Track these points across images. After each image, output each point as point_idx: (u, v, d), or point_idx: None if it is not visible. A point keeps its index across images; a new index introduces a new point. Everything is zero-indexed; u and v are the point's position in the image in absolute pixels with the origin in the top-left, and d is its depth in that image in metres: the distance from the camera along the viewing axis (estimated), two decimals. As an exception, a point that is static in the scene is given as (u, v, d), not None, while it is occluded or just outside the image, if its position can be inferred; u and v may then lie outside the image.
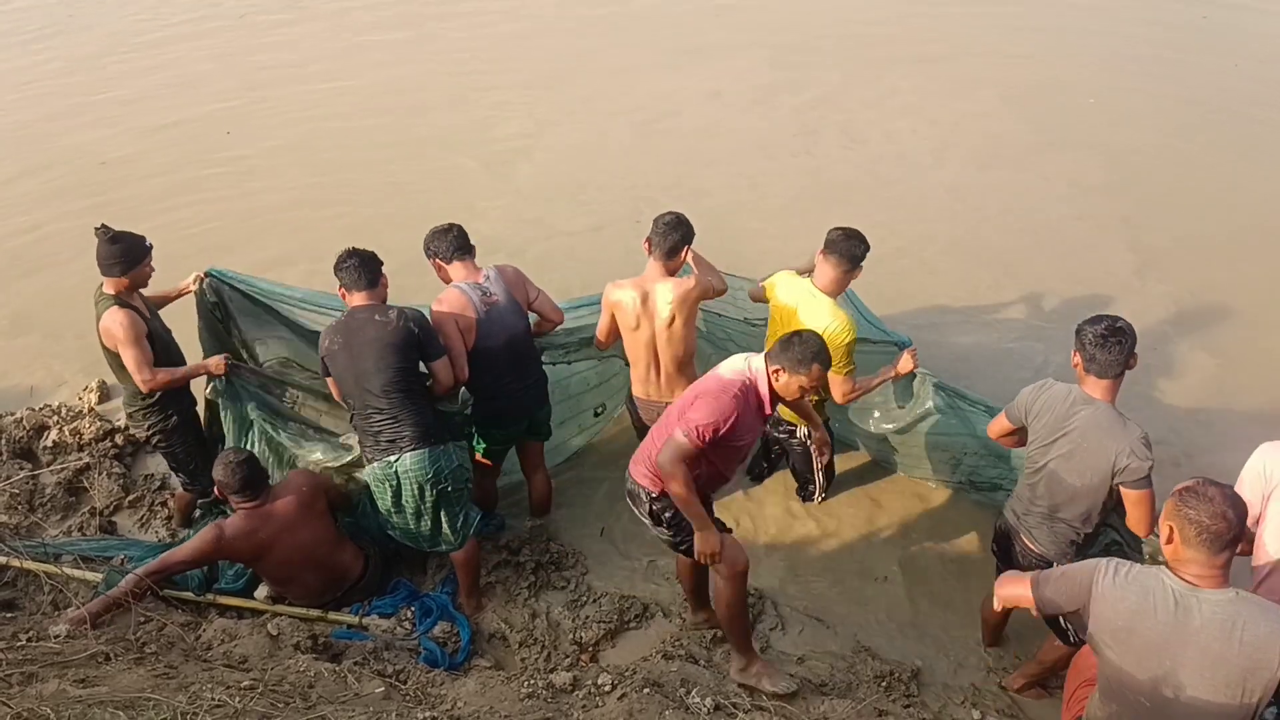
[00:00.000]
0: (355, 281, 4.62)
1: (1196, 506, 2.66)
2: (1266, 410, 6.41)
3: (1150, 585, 2.73)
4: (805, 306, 4.81)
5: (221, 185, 9.62)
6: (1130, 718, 2.82)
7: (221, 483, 4.62)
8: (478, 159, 9.91)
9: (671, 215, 4.89)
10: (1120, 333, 3.76)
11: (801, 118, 10.76)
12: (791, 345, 3.99)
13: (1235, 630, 2.61)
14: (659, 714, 4.10)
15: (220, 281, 5.32)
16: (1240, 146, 10.14)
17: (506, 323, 4.90)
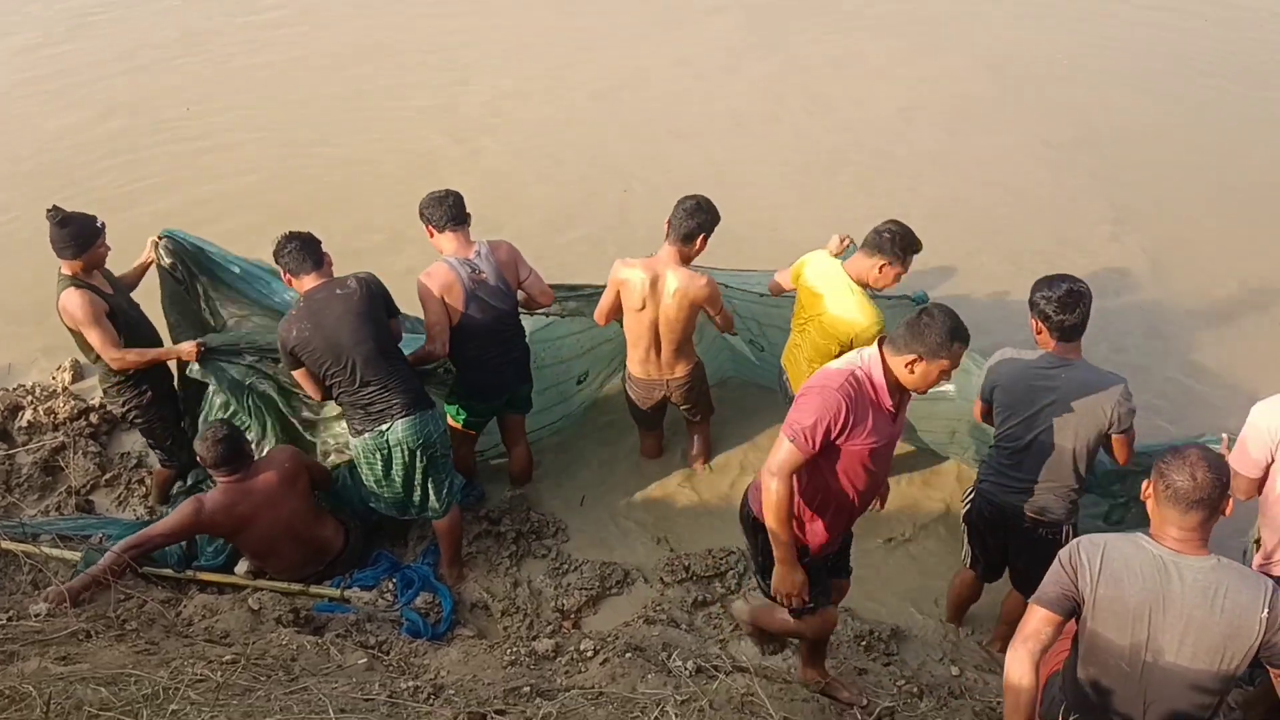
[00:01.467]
0: (301, 264, 4.57)
1: (1172, 465, 2.70)
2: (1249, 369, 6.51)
3: (1129, 553, 2.73)
4: (832, 291, 4.59)
5: (181, 160, 9.50)
6: (1109, 682, 2.84)
7: (202, 457, 4.61)
8: (445, 134, 9.81)
9: (693, 200, 4.76)
10: (1080, 295, 3.79)
11: (772, 85, 10.70)
12: (923, 327, 3.29)
13: (1216, 597, 2.62)
14: (641, 677, 4.13)
15: (175, 241, 5.28)
16: (1215, 108, 10.18)
17: (493, 301, 4.86)
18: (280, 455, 4.87)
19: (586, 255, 7.35)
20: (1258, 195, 8.58)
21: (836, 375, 3.35)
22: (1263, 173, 8.93)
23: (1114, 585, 2.71)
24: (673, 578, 5.06)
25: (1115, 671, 2.79)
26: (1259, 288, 7.41)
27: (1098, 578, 2.73)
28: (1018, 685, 2.75)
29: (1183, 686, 2.70)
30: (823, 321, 4.60)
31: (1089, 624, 2.79)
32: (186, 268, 5.32)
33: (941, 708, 4.22)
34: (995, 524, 4.24)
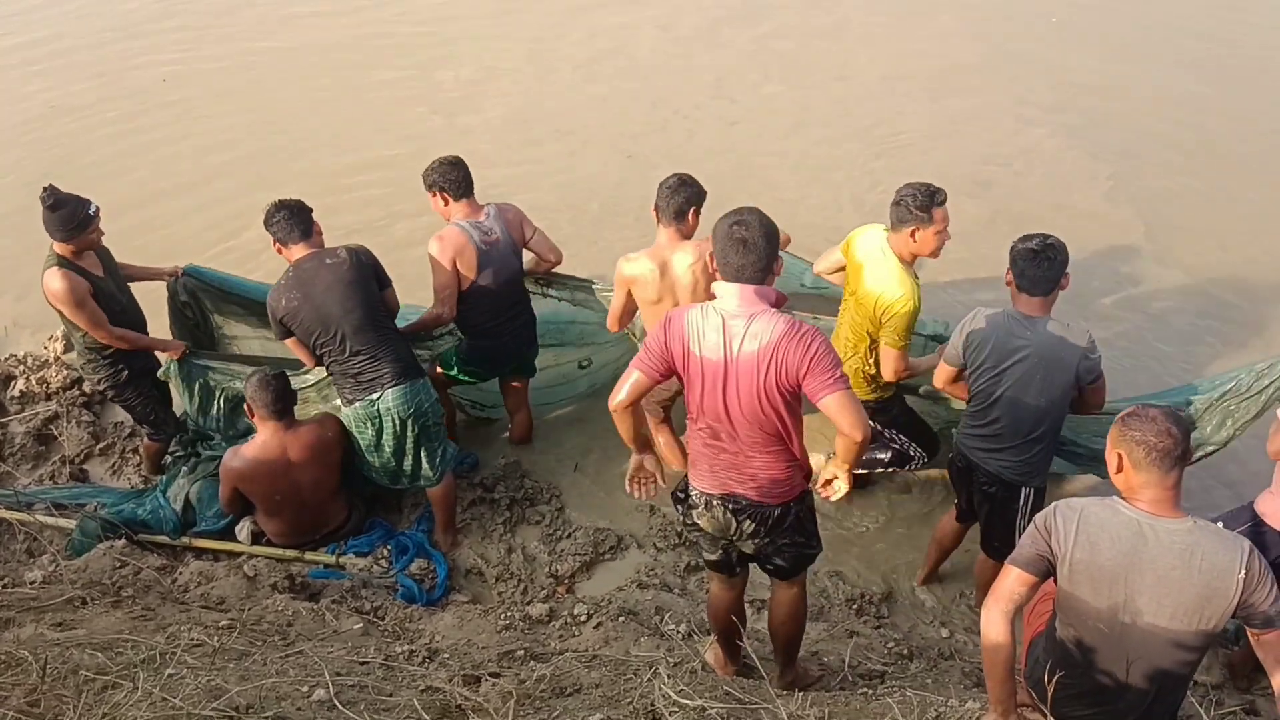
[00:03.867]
0: (289, 234, 4.57)
1: (1141, 428, 2.68)
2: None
3: (1105, 517, 2.73)
4: (873, 265, 4.37)
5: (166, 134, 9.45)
6: (1090, 642, 2.86)
7: (251, 398, 4.65)
8: (430, 107, 9.74)
9: (675, 177, 4.60)
10: (1052, 249, 3.80)
11: (756, 53, 10.64)
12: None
13: (1193, 558, 2.62)
14: (634, 640, 4.18)
15: (196, 280, 5.32)
16: (1209, 67, 10.18)
17: (505, 262, 4.89)
18: (326, 423, 4.89)
19: (583, 233, 7.39)
20: (1249, 159, 8.61)
21: (797, 323, 3.22)
22: (1254, 138, 8.95)
23: (1089, 549, 2.71)
24: (665, 543, 5.09)
25: (1094, 632, 2.82)
26: (1256, 249, 7.45)
27: (1073, 542, 2.73)
28: (994, 644, 2.78)
29: (1163, 645, 2.72)
30: (859, 296, 4.43)
31: (1066, 587, 2.80)
32: (199, 308, 5.39)
33: (931, 669, 4.26)
34: (963, 473, 4.30)
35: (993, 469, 4.11)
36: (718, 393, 3.18)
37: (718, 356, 3.13)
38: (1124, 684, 2.83)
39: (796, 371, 3.06)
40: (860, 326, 4.48)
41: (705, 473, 3.44)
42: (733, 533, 3.49)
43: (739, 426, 3.23)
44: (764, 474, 3.34)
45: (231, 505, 4.85)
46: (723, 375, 3.14)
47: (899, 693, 3.56)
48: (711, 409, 3.24)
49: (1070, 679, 2.89)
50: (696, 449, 3.43)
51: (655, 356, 3.24)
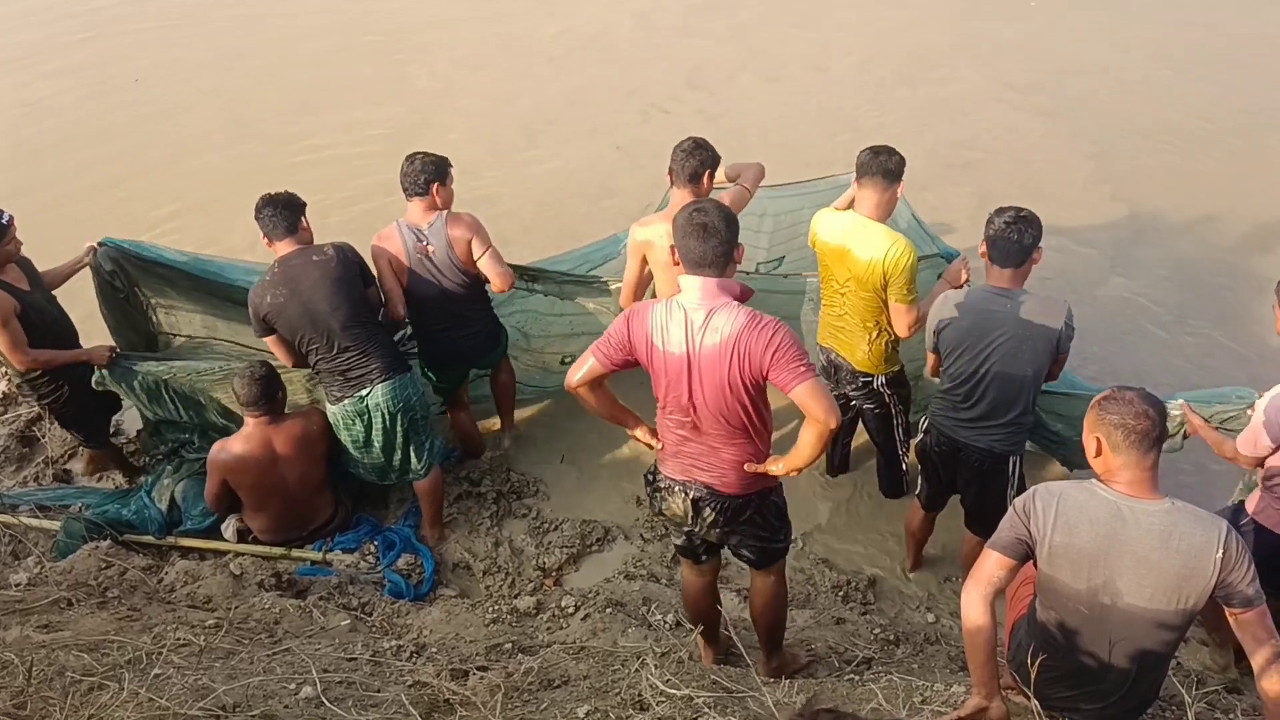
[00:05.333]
0: (274, 229, 4.53)
1: (1118, 410, 2.69)
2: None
3: (1083, 499, 2.75)
4: (856, 239, 4.32)
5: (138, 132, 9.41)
6: (1072, 624, 2.88)
7: (237, 393, 4.65)
8: (408, 108, 9.73)
9: (690, 140, 4.55)
10: (1024, 221, 3.82)
11: (735, 42, 10.65)
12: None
13: (1171, 539, 2.64)
14: (622, 631, 4.20)
15: (116, 249, 5.17)
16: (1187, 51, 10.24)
17: (440, 276, 4.75)
18: (312, 416, 4.88)
19: (576, 226, 7.40)
20: (1223, 138, 8.69)
21: (757, 315, 3.20)
22: (1225, 117, 9.04)
23: (1068, 532, 2.73)
24: (652, 534, 5.11)
25: (1075, 614, 2.84)
26: (1234, 228, 7.52)
27: (1052, 525, 2.75)
28: (975, 626, 2.81)
29: (1144, 625, 2.74)
30: (857, 275, 4.36)
31: (1045, 570, 2.82)
32: (126, 275, 5.23)
33: (917, 654, 4.29)
34: (948, 457, 4.29)
35: (984, 445, 4.12)
36: (683, 386, 3.20)
37: (681, 351, 3.15)
38: (1106, 665, 2.85)
39: (760, 364, 3.07)
40: (871, 302, 4.41)
41: (672, 459, 3.47)
42: (693, 521, 3.52)
43: (705, 419, 3.24)
44: (729, 465, 3.36)
45: (218, 501, 4.81)
46: (687, 369, 3.16)
47: (885, 678, 3.58)
48: (677, 401, 3.26)
49: (1052, 661, 2.92)
50: (666, 437, 3.45)
51: (614, 346, 3.27)
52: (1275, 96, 9.60)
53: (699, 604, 3.92)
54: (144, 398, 5.05)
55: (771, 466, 3.37)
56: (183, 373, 5.05)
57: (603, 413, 3.54)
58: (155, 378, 5.02)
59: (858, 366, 4.65)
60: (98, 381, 4.93)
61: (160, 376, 5.03)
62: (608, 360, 3.29)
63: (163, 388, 5.06)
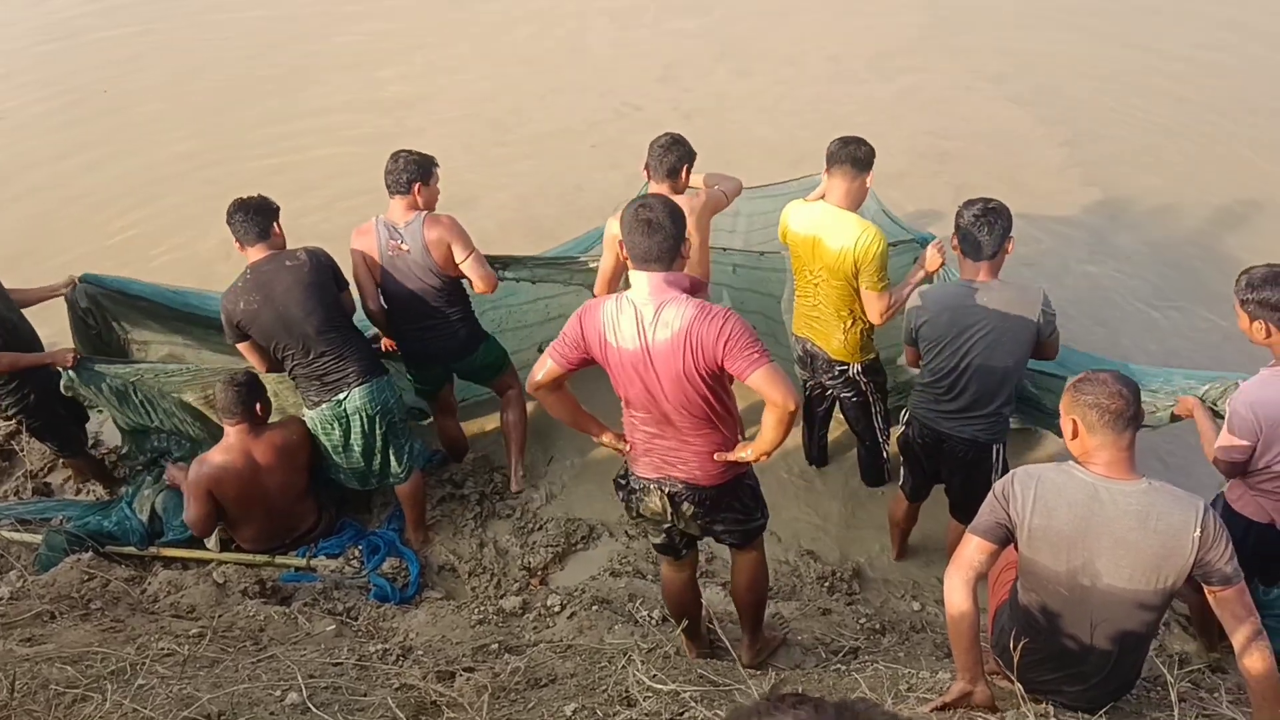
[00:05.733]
0: (245, 234, 4.49)
1: (1093, 391, 2.72)
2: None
3: (1061, 481, 2.77)
4: (827, 228, 4.33)
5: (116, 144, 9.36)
6: (1053, 606, 2.90)
7: (218, 400, 4.62)
8: (381, 111, 9.70)
9: (667, 136, 4.61)
10: (994, 212, 3.82)
11: (708, 38, 10.67)
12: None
13: (1149, 519, 2.65)
14: (608, 628, 4.20)
15: (95, 287, 5.15)
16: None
17: (412, 276, 4.71)
18: (292, 425, 4.86)
19: (553, 227, 7.40)
20: (1191, 122, 8.78)
21: (705, 304, 3.23)
22: (1191, 101, 9.13)
23: (1047, 515, 2.75)
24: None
25: (1056, 596, 2.86)
26: (1206, 210, 7.59)
27: (1031, 508, 2.77)
28: (958, 612, 2.84)
29: (1124, 606, 2.76)
30: (828, 264, 4.38)
31: (1026, 553, 2.84)
32: (102, 315, 5.22)
33: (903, 642, 4.31)
34: (931, 448, 4.30)
35: (967, 436, 4.14)
36: (641, 382, 3.21)
37: (635, 346, 3.15)
38: (1088, 646, 2.88)
39: (714, 354, 3.07)
40: (844, 290, 4.43)
41: (643, 458, 3.47)
42: (672, 517, 3.54)
43: (669, 413, 3.25)
44: (700, 457, 3.38)
45: (204, 521, 4.67)
46: (642, 364, 3.17)
47: (871, 667, 3.60)
48: (639, 398, 3.27)
49: (1035, 644, 2.94)
50: (634, 437, 3.46)
51: (569, 345, 3.27)
52: (1243, 80, 9.68)
53: (681, 600, 3.94)
54: (113, 400, 5.00)
55: (740, 453, 3.38)
56: (149, 374, 5.02)
57: (566, 417, 3.55)
58: (123, 380, 4.98)
59: (833, 355, 4.67)
60: (66, 385, 4.87)
61: (127, 379, 4.99)
62: (565, 360, 3.29)
63: (131, 390, 5.02)
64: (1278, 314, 3.30)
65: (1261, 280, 3.33)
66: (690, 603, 3.95)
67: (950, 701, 2.85)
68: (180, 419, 5.18)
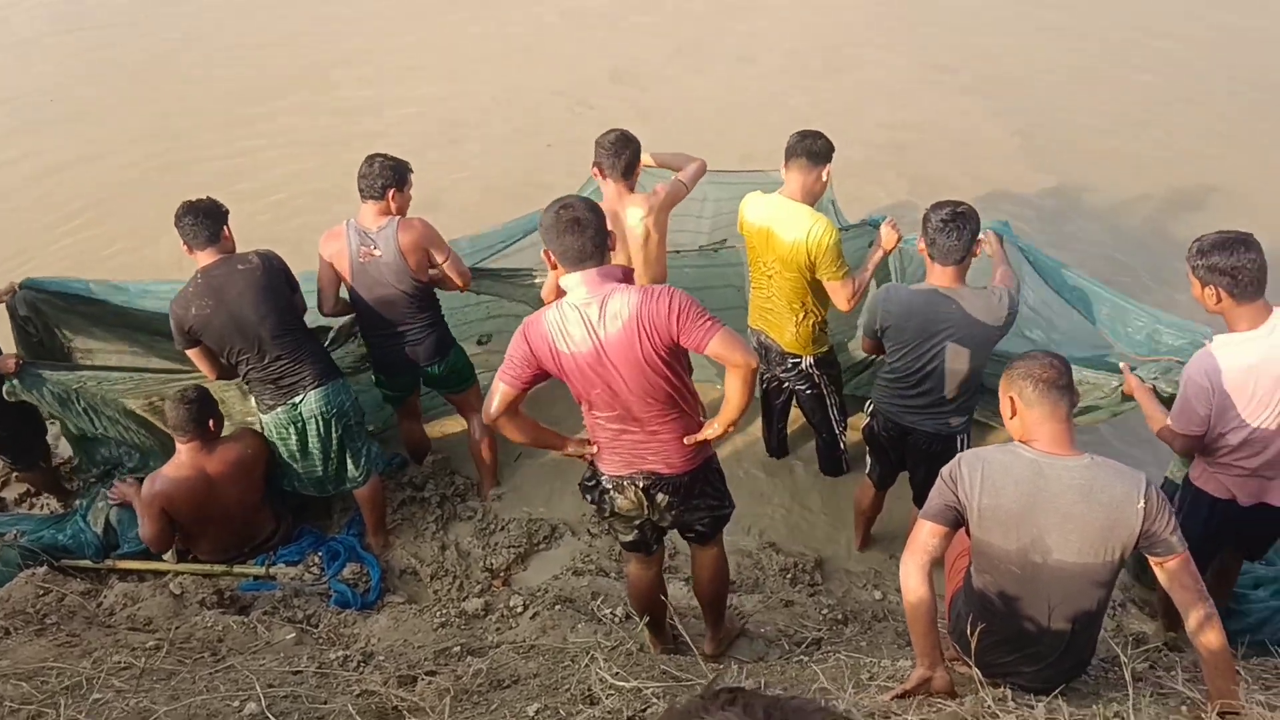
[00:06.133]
0: (194, 238, 4.42)
1: (1024, 365, 2.82)
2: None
3: (1007, 461, 2.82)
4: (780, 220, 4.37)
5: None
6: (1007, 587, 2.94)
7: (169, 417, 4.55)
8: (334, 112, 9.61)
9: (615, 133, 4.55)
10: (962, 217, 3.83)
11: (662, 35, 10.67)
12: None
13: (1093, 492, 2.71)
14: (571, 628, 4.20)
15: (37, 291, 5.01)
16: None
17: (383, 282, 4.63)
18: (246, 439, 4.79)
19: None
20: (1141, 109, 8.91)
21: (654, 286, 3.28)
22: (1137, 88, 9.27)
23: (994, 494, 2.79)
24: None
25: (1009, 576, 2.90)
26: (1158, 195, 7.71)
27: (979, 489, 2.81)
28: (915, 598, 2.87)
29: (1075, 581, 2.81)
30: (781, 256, 4.41)
31: (977, 533, 2.88)
32: (43, 322, 5.09)
33: (866, 631, 4.34)
34: (895, 440, 4.34)
35: (931, 429, 4.18)
36: (600, 381, 3.20)
37: (588, 348, 3.14)
38: (1043, 626, 2.91)
39: (668, 331, 3.08)
40: (796, 283, 4.46)
41: (613, 457, 3.46)
42: (648, 510, 3.53)
43: (633, 405, 3.25)
44: (670, 445, 3.38)
45: (160, 540, 4.62)
46: (598, 363, 3.16)
47: (833, 658, 3.61)
48: (600, 399, 3.26)
49: (991, 627, 2.97)
50: (600, 436, 3.45)
51: (519, 365, 3.24)
52: (1192, 69, 9.83)
53: (649, 596, 3.94)
54: (56, 406, 4.91)
55: (708, 431, 3.40)
56: (91, 380, 4.92)
57: (528, 439, 3.52)
58: (64, 386, 4.89)
59: (786, 348, 4.71)
60: (9, 391, 4.78)
61: (69, 385, 4.90)
62: (517, 381, 3.26)
63: (73, 397, 4.93)
64: (1226, 279, 3.33)
65: (1211, 246, 3.37)
66: (657, 599, 3.95)
67: (910, 689, 2.87)
68: (124, 426, 5.10)
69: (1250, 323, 3.38)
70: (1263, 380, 3.39)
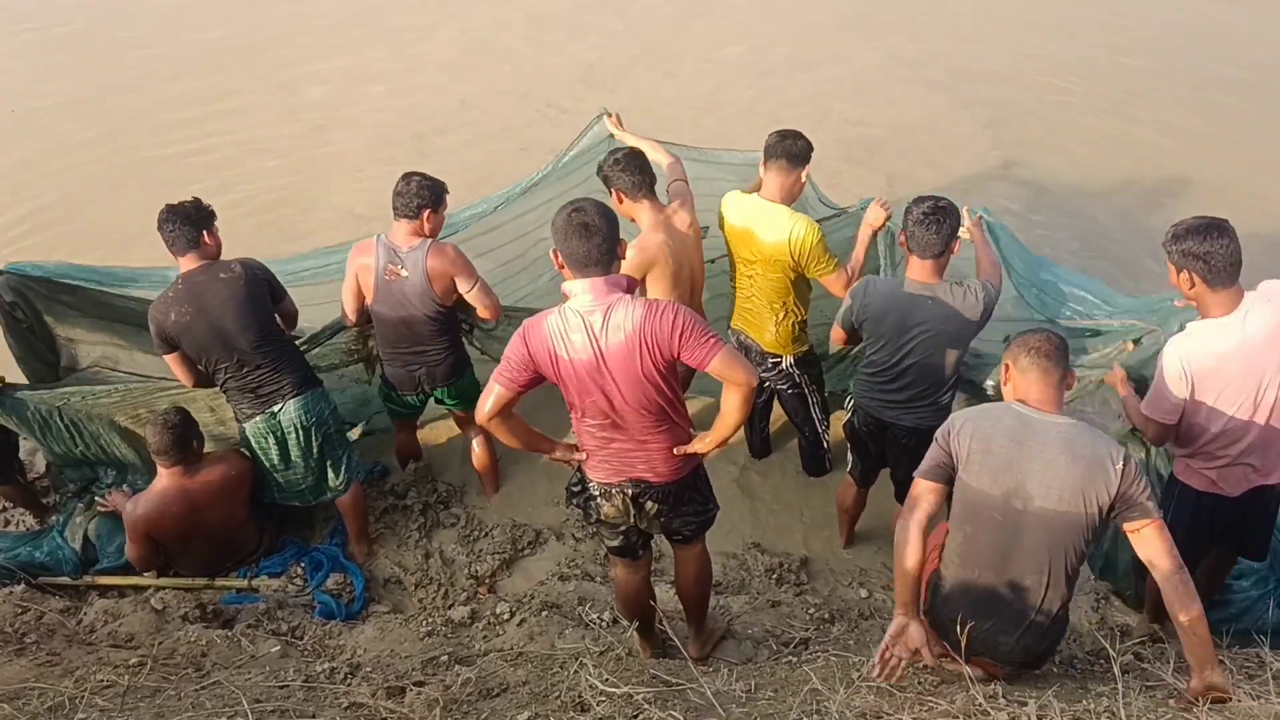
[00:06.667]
0: (175, 243, 4.37)
1: (1023, 338, 3.08)
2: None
3: (997, 413, 3.05)
4: (760, 222, 4.39)
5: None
6: (985, 537, 3.08)
7: (151, 442, 4.47)
8: (298, 119, 9.52)
9: (622, 153, 4.43)
10: (942, 211, 3.86)
11: (628, 36, 10.66)
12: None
13: (1075, 446, 2.92)
14: (559, 633, 4.18)
15: (22, 278, 4.92)
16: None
17: (406, 302, 4.56)
18: (230, 460, 4.73)
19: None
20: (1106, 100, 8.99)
21: (658, 301, 3.24)
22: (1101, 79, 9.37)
23: (984, 441, 3.01)
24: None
25: (990, 524, 3.06)
26: (1130, 185, 7.78)
27: (970, 437, 3.03)
28: (905, 551, 3.05)
29: (1055, 532, 2.97)
30: (764, 257, 4.41)
31: (964, 479, 3.06)
32: (30, 306, 4.99)
33: (852, 629, 4.35)
34: (875, 434, 4.38)
35: (910, 424, 4.20)
36: (598, 389, 3.20)
37: (587, 355, 3.13)
38: (1016, 581, 3.07)
39: (669, 348, 3.09)
40: (778, 283, 4.47)
41: (602, 464, 3.45)
42: (635, 517, 3.53)
43: (626, 415, 3.25)
44: (658, 455, 3.38)
45: (146, 561, 4.61)
46: (597, 372, 3.16)
47: (822, 658, 3.62)
48: (594, 406, 3.25)
49: (968, 589, 3.15)
50: (589, 444, 3.43)
51: (516, 368, 3.22)
52: (1164, 57, 9.91)
53: (637, 600, 3.93)
54: (36, 430, 4.84)
55: (698, 446, 3.41)
56: (76, 396, 4.85)
57: (519, 442, 3.50)
58: (48, 406, 4.82)
59: (766, 348, 4.72)
60: None
61: (52, 405, 4.83)
62: (513, 384, 3.24)
63: (55, 415, 4.85)
64: (1200, 264, 3.37)
65: (1186, 230, 3.41)
66: (645, 603, 3.94)
67: (888, 643, 3.00)
68: (108, 440, 5.02)
69: (1223, 309, 3.42)
70: (1235, 366, 3.43)
